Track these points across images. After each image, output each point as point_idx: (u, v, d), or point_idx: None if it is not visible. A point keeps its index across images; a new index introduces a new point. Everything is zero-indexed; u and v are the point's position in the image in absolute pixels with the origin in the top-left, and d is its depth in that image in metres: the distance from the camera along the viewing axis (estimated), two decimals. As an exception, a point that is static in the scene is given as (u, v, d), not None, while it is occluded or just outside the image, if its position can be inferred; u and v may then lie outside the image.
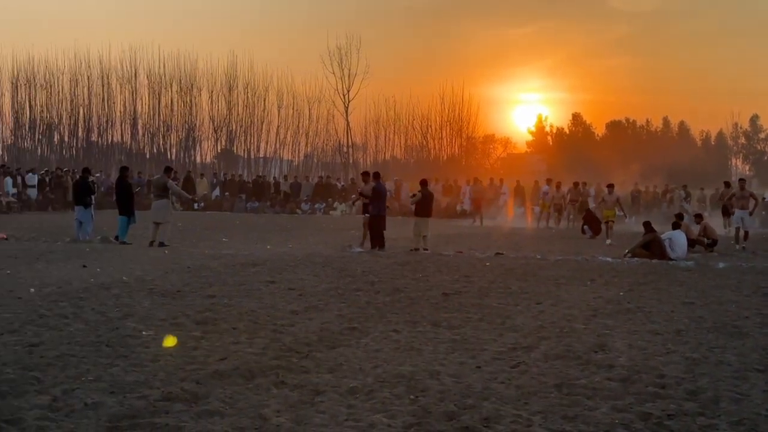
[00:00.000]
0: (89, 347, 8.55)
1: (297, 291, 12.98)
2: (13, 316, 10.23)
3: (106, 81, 55.37)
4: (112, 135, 56.50)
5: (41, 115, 54.46)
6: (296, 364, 8.00)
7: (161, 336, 9.15)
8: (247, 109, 57.50)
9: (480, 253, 20.71)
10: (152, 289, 12.83)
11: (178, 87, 56.23)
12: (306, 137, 59.20)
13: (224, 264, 16.58)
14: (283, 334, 9.50)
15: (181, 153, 56.63)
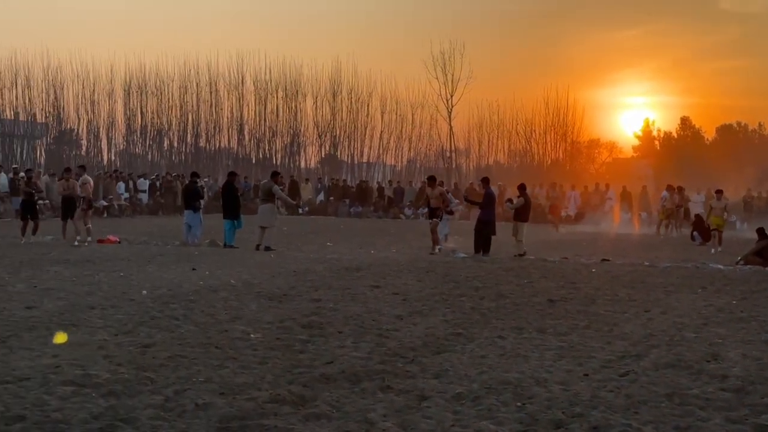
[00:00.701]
0: (199, 349, 8.72)
1: (401, 296, 13.00)
2: (127, 317, 10.51)
3: (214, 87, 56.50)
4: (219, 140, 57.64)
5: (152, 121, 55.85)
6: (402, 368, 8.01)
7: (269, 339, 9.29)
8: (350, 115, 57.97)
9: (585, 259, 20.43)
10: (259, 292, 13.03)
11: (284, 93, 57.02)
12: (409, 142, 59.36)
13: (329, 268, 16.73)
14: (388, 338, 9.52)
15: (286, 158, 57.38)
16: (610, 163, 65.49)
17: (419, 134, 59.21)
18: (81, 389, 6.98)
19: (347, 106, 57.80)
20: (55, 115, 53.91)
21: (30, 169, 29.01)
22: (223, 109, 56.98)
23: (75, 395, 6.80)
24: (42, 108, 53.84)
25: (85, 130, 55.22)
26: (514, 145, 60.63)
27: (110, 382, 7.19)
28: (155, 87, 55.57)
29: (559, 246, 24.92)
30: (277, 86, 56.89)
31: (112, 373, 7.52)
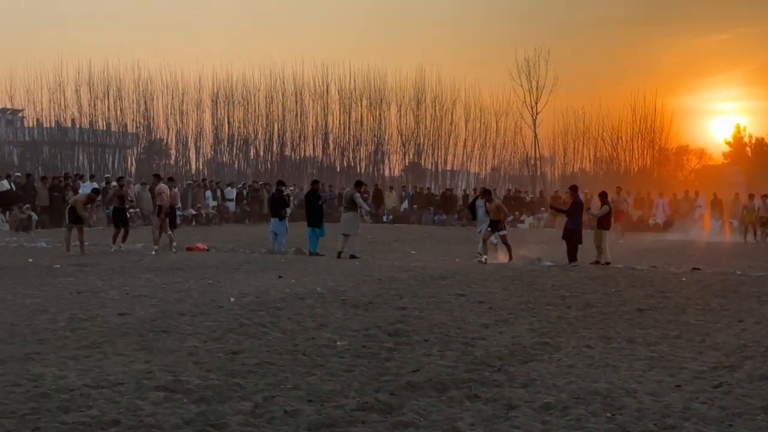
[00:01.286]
0: (287, 356, 8.80)
1: (487, 304, 12.94)
2: (216, 324, 10.68)
3: (299, 97, 57.06)
4: (304, 149, 58.19)
5: (239, 130, 56.66)
6: (488, 377, 7.97)
7: (355, 347, 9.33)
8: (434, 123, 57.93)
9: (675, 268, 20.05)
10: (345, 300, 13.10)
11: (368, 102, 57.32)
12: (493, 150, 59.05)
13: (414, 276, 16.74)
14: (474, 347, 9.48)
15: (371, 166, 57.62)
16: (699, 170, 64.11)
17: (503, 142, 58.91)
18: (173, 395, 7.11)
19: (431, 114, 57.84)
20: (146, 125, 55.16)
21: (121, 177, 29.68)
22: (308, 118, 57.57)
23: (167, 400, 6.93)
24: (133, 119, 55.17)
25: (174, 140, 56.41)
26: (599, 152, 59.82)
27: (201, 388, 7.32)
28: (242, 97, 56.42)
29: (647, 254, 24.50)
30: (362, 95, 57.25)
31: (203, 379, 7.64)
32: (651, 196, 43.19)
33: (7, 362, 8.23)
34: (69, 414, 6.47)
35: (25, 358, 8.43)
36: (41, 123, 54.47)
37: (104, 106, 54.20)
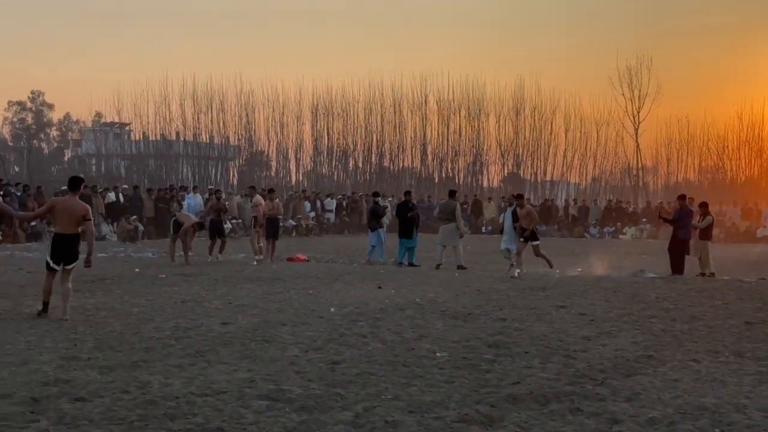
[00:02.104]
0: (387, 366, 8.82)
1: (588, 316, 12.75)
2: (316, 334, 10.77)
3: (398, 108, 57.29)
4: (402, 160, 58.40)
5: (338, 142, 57.22)
6: (591, 391, 7.84)
7: (455, 358, 9.30)
8: (533, 133, 57.47)
9: (786, 280, 19.42)
10: (444, 311, 13.07)
11: (467, 112, 57.23)
12: (594, 160, 58.26)
13: (513, 287, 16.62)
14: (576, 359, 9.35)
15: (469, 177, 57.47)
16: (812, 180, 61.97)
17: (604, 152, 58.09)
18: (275, 403, 7.19)
19: (530, 124, 57.41)
20: (247, 137, 56.19)
21: (218, 189, 30.19)
22: (406, 129, 57.76)
23: (269, 409, 7.01)
24: (235, 131, 56.30)
25: (274, 152, 57.31)
26: (704, 161, 58.47)
27: (302, 398, 7.38)
28: (341, 109, 56.97)
29: (755, 267, 23.81)
30: (460, 106, 57.19)
31: (304, 389, 7.71)
32: (759, 206, 41.99)
33: (116, 369, 8.44)
34: (175, 421, 6.60)
35: (133, 366, 8.64)
36: (147, 136, 56.00)
37: (207, 119, 55.52)
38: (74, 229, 11.93)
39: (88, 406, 7.02)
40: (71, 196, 12.29)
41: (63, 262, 11.85)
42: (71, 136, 70.64)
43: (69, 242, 11.90)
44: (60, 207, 12.04)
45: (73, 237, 11.95)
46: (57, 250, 11.86)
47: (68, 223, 11.88)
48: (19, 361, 8.81)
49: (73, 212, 11.88)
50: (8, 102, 69.58)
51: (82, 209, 12.03)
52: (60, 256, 11.84)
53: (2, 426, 6.39)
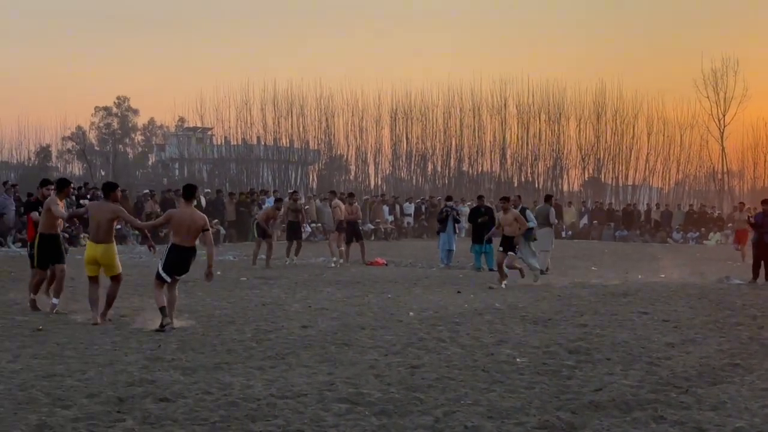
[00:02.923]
0: (466, 371, 8.79)
1: (672, 323, 12.53)
2: (396, 338, 10.78)
3: (477, 112, 57.06)
4: (481, 164, 58.16)
5: (416, 146, 57.25)
6: (675, 399, 7.69)
7: (535, 364, 9.22)
8: (615, 137, 56.65)
9: None
10: (524, 316, 12.98)
11: (546, 116, 56.74)
12: (677, 164, 57.21)
13: (594, 293, 16.42)
14: (660, 367, 9.18)
15: (549, 181, 56.94)
16: None
17: (688, 155, 57.00)
18: (354, 407, 7.22)
19: (612, 127, 56.60)
20: (327, 141, 56.56)
21: (295, 191, 30.43)
22: (485, 133, 57.46)
23: (349, 412, 7.04)
24: (315, 135, 56.71)
25: (353, 156, 57.57)
26: (793, 166, 56.91)
27: (381, 401, 7.40)
28: (420, 113, 56.95)
29: None
30: (540, 109, 56.69)
31: (383, 392, 7.72)
32: None
33: (198, 371, 8.57)
34: (256, 423, 6.68)
35: (215, 368, 8.76)
36: (229, 141, 56.79)
37: (288, 123, 56.03)
38: (193, 242, 11.41)
39: (172, 406, 7.14)
40: (187, 206, 11.65)
41: (175, 274, 11.47)
42: (155, 140, 72.04)
43: (187, 255, 11.40)
44: (178, 218, 11.41)
45: (192, 250, 11.43)
46: (173, 262, 11.38)
47: (187, 235, 11.32)
48: (105, 361, 9.01)
49: (193, 223, 11.32)
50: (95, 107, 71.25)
51: (201, 220, 11.45)
52: (175, 268, 11.41)
53: (90, 425, 6.54)
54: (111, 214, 11.73)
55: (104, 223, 11.68)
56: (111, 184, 12.36)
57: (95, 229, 11.72)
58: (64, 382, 7.94)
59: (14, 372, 8.38)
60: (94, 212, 11.78)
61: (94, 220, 11.69)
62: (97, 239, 11.72)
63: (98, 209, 11.83)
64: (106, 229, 11.72)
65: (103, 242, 11.75)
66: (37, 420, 6.60)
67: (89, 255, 11.80)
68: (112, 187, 12.22)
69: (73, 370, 8.53)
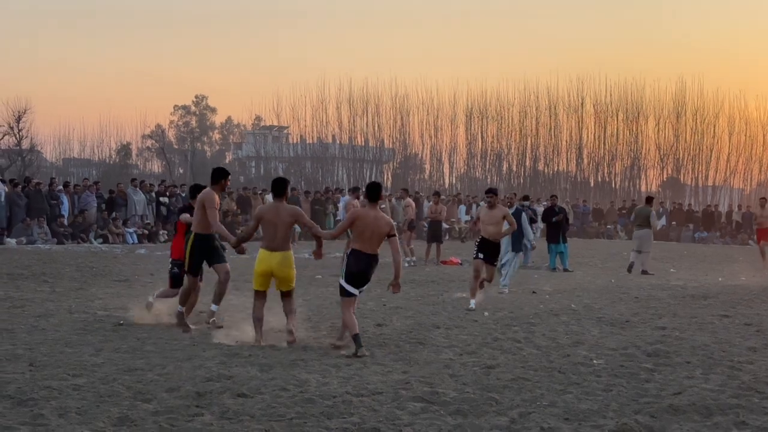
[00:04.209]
0: (542, 372, 8.72)
1: (754, 326, 12.25)
2: (470, 337, 10.76)
3: (554, 111, 56.57)
4: (557, 164, 57.63)
5: (492, 145, 56.97)
6: (758, 404, 7.52)
7: (612, 366, 9.11)
8: (695, 136, 55.61)
9: None
10: (600, 317, 12.82)
11: (624, 115, 55.96)
12: (759, 164, 55.97)
13: (673, 295, 16.14)
14: (741, 371, 8.98)
15: (626, 181, 56.21)
16: None
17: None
18: (430, 406, 7.22)
19: (691, 127, 55.57)
20: (401, 140, 56.64)
21: (356, 188, 30.35)
22: (562, 133, 56.93)
23: (424, 411, 7.04)
24: (389, 134, 56.83)
25: (428, 155, 57.57)
26: None
27: (457, 401, 7.38)
28: (495, 112, 56.67)
29: None
30: (618, 109, 55.95)
31: (459, 392, 7.71)
32: None
33: (275, 367, 8.66)
34: (332, 420, 6.72)
35: (291, 365, 8.84)
36: (304, 139, 57.25)
37: (363, 122, 56.28)
38: (376, 248, 9.90)
39: (250, 402, 7.23)
40: (371, 208, 9.89)
41: (356, 286, 9.92)
42: (232, 139, 73.04)
43: (369, 264, 9.87)
44: (362, 220, 9.80)
45: (374, 258, 9.92)
46: (354, 271, 9.83)
47: (370, 240, 9.79)
48: (184, 356, 9.16)
49: (377, 228, 9.73)
50: (174, 106, 72.55)
51: (387, 225, 9.81)
52: (356, 279, 9.86)
53: (169, 418, 6.66)
54: (290, 217, 10.13)
55: (282, 228, 10.07)
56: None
57: (271, 235, 10.10)
58: (145, 376, 8.09)
59: (96, 365, 8.57)
60: (269, 216, 10.13)
61: (269, 225, 10.09)
62: (273, 246, 10.12)
63: (274, 212, 10.13)
64: (283, 235, 10.13)
65: (280, 250, 10.14)
66: (118, 413, 6.75)
67: (263, 265, 10.16)
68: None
69: (154, 364, 8.69)
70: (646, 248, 21.85)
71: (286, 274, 10.17)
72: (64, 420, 6.55)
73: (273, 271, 10.11)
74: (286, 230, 10.12)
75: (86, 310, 12.53)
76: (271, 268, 10.11)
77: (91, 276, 17.57)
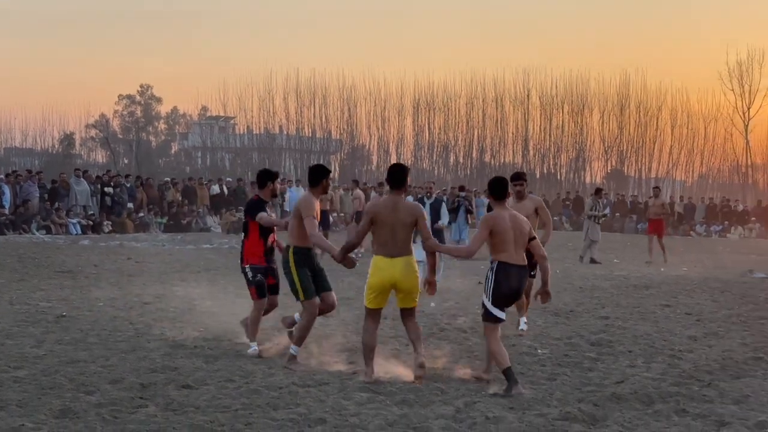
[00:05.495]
0: (487, 362, 8.76)
1: (695, 316, 12.47)
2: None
3: (500, 103, 56.96)
4: (504, 155, 58.04)
5: (439, 137, 57.22)
6: (697, 392, 7.66)
7: (557, 355, 9.20)
8: (638, 129, 56.43)
9: None
10: (545, 308, 12.88)
11: (569, 108, 56.53)
12: (701, 157, 56.97)
13: (616, 285, 16.36)
14: (682, 360, 9.15)
15: (571, 173, 56.82)
16: None
17: (712, 148, 56.73)
18: (376, 396, 7.25)
19: (635, 119, 56.39)
20: (349, 131, 56.63)
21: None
22: (508, 125, 57.37)
23: (370, 401, 7.07)
24: (337, 125, 56.79)
25: (375, 146, 57.68)
26: (818, 159, 56.51)
27: (403, 391, 7.42)
28: (443, 104, 56.91)
29: None
30: (563, 101, 56.50)
31: (404, 382, 7.74)
32: None
33: (221, 359, 8.62)
34: (278, 411, 6.71)
35: (237, 356, 8.80)
36: (251, 130, 56.96)
37: (310, 113, 56.19)
38: (524, 258, 8.00)
39: (194, 393, 7.19)
40: (501, 207, 8.00)
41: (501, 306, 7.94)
42: (178, 129, 72.29)
43: (522, 278, 7.98)
44: (502, 224, 7.81)
45: (526, 270, 8.06)
46: (506, 292, 7.85)
47: (516, 248, 7.87)
48: (128, 348, 9.08)
49: (521, 232, 7.87)
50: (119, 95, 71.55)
51: (527, 225, 8.04)
52: (507, 299, 7.97)
53: (113, 410, 6.59)
54: (411, 217, 8.04)
55: (401, 229, 8.03)
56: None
57: (387, 239, 8.03)
58: (88, 368, 8.01)
59: (38, 357, 8.47)
60: (384, 214, 8.01)
61: (384, 226, 8.01)
62: (394, 252, 8.02)
63: (391, 209, 8.01)
64: (404, 237, 8.05)
65: (402, 255, 8.05)
66: (60, 405, 6.67)
67: (382, 276, 8.06)
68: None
69: (97, 356, 8.60)
70: (596, 237, 22.57)
71: (412, 284, 8.08)
72: (5, 412, 6.46)
73: (396, 282, 8.00)
74: (407, 232, 8.03)
75: (28, 302, 12.35)
76: (394, 279, 7.98)
77: (34, 267, 17.31)
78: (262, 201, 9.31)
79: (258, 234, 9.21)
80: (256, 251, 9.22)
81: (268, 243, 9.23)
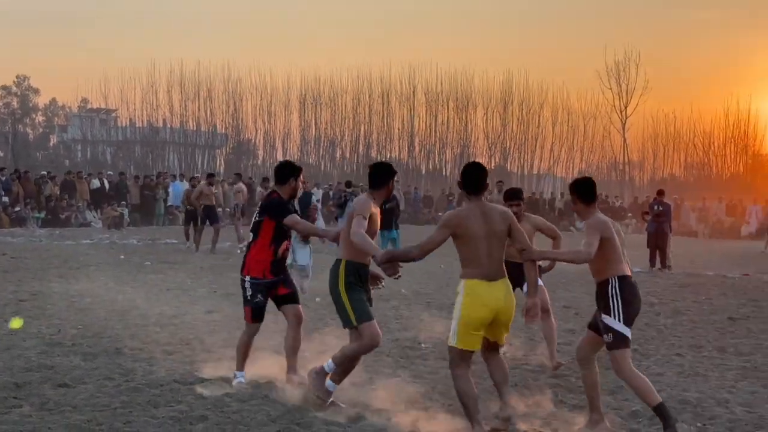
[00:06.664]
0: (371, 356, 8.78)
1: (573, 309, 12.80)
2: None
3: (386, 99, 57.19)
4: (390, 151, 58.31)
5: (325, 132, 57.15)
6: (574, 383, 7.87)
7: (440, 350, 9.31)
8: (521, 126, 57.51)
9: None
10: (429, 302, 13.11)
11: (454, 104, 57.22)
12: (581, 153, 58.38)
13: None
14: (560, 352, 9.33)
15: (456, 169, 57.47)
16: (795, 176, 62.21)
17: (591, 146, 58.19)
18: (258, 392, 7.19)
19: (518, 117, 57.39)
20: (234, 126, 56.00)
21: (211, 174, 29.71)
22: (394, 120, 57.67)
23: (252, 398, 7.01)
24: (222, 119, 56.06)
25: (261, 141, 57.16)
26: (690, 157, 58.66)
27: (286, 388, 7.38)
28: (329, 99, 56.82)
29: (739, 262, 23.90)
30: (448, 97, 57.13)
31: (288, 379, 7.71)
32: (743, 203, 42.15)
33: (99, 356, 8.43)
34: (159, 408, 6.61)
35: (117, 353, 8.62)
36: (134, 123, 55.78)
37: (195, 106, 55.23)
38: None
39: (72, 392, 7.02)
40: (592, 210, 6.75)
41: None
42: (57, 121, 70.25)
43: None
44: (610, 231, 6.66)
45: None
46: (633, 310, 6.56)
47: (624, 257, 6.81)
48: (2, 346, 8.79)
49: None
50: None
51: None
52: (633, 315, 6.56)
53: (-15, 411, 6.38)
54: (504, 224, 6.41)
55: (496, 242, 6.38)
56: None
57: (481, 256, 6.32)
58: (-41, 368, 7.73)
59: None
60: (473, 227, 6.33)
61: (476, 240, 6.31)
62: (491, 273, 6.33)
63: (481, 219, 6.35)
64: (500, 253, 6.40)
65: (501, 276, 6.39)
66: (-72, 406, 6.42)
67: (486, 307, 6.29)
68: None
69: (-32, 355, 8.30)
70: None
71: (512, 314, 6.48)
72: None
73: (499, 312, 6.32)
74: (502, 246, 6.38)
75: None
76: (498, 309, 6.30)
77: None
78: (285, 200, 7.76)
79: (270, 239, 7.61)
80: (261, 259, 7.63)
81: (279, 252, 7.72)
